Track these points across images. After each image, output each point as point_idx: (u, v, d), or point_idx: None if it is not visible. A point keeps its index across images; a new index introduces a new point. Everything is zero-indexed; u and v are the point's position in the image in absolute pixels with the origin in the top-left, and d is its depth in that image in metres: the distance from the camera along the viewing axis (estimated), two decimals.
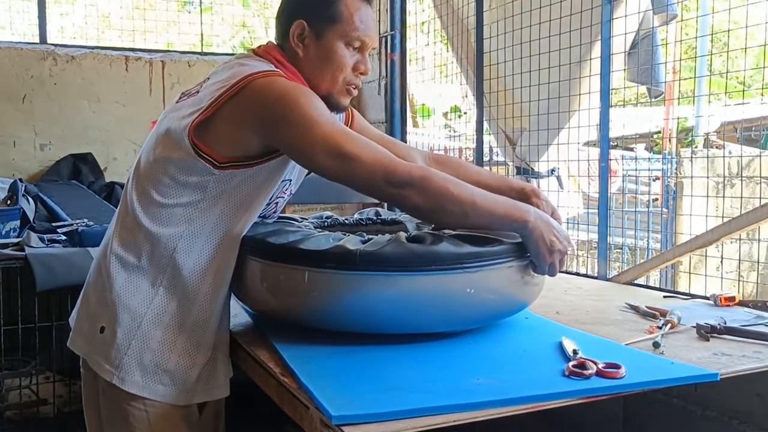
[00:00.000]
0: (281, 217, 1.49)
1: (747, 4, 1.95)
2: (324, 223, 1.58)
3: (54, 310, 2.66)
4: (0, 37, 5.27)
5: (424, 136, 5.58)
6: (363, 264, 1.15)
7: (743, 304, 1.64)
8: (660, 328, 1.36)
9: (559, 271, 1.26)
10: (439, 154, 1.71)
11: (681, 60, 4.06)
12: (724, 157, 3.11)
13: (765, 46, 1.86)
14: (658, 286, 2.35)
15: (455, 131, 5.65)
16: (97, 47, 3.79)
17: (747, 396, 1.46)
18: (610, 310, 1.61)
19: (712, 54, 2.38)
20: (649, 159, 5.38)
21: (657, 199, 4.56)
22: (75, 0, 4.43)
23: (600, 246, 2.18)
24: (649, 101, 2.82)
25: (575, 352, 1.11)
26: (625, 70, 2.57)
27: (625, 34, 2.24)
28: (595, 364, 1.04)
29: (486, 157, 3.07)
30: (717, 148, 4.68)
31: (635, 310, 1.57)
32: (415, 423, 0.88)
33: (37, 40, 3.76)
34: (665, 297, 1.79)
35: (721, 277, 2.05)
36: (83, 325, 1.33)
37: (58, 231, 2.74)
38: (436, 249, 1.16)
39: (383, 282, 1.15)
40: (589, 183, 2.89)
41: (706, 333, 1.33)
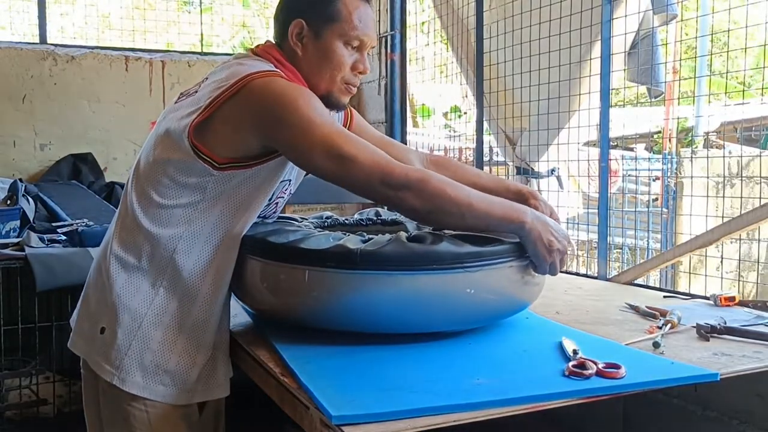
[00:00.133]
0: (281, 217, 1.48)
1: (747, 4, 1.95)
2: (324, 223, 1.58)
3: (54, 310, 2.66)
4: (0, 37, 5.27)
5: (424, 136, 5.58)
6: (363, 263, 1.15)
7: (743, 304, 1.64)
8: (660, 328, 1.36)
9: (560, 271, 1.27)
10: (437, 155, 1.71)
11: (681, 60, 4.06)
12: (724, 157, 3.11)
13: (765, 46, 1.86)
14: (658, 286, 2.35)
15: (455, 131, 5.65)
16: (97, 47, 3.78)
17: (747, 396, 1.46)
18: (610, 310, 1.61)
19: (712, 54, 2.37)
20: (649, 159, 5.38)
21: (657, 199, 4.55)
22: (75, 0, 4.42)
23: (600, 246, 2.18)
24: (649, 101, 2.82)
25: (575, 352, 1.11)
26: (625, 70, 2.57)
27: (625, 34, 2.24)
28: (595, 364, 1.04)
29: (486, 157, 3.07)
30: (717, 148, 4.68)
31: (635, 310, 1.57)
32: (415, 423, 0.88)
33: (37, 40, 3.76)
34: (665, 297, 1.79)
35: (721, 277, 2.05)
36: (83, 326, 1.33)
37: (58, 231, 2.74)
38: (437, 248, 1.17)
39: (383, 281, 1.15)
40: (589, 183, 2.89)
41: (706, 333, 1.33)
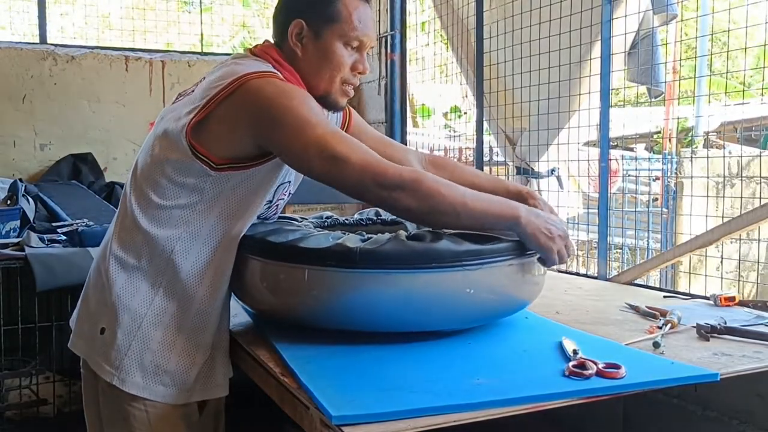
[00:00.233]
0: (281, 217, 1.49)
1: (747, 4, 1.95)
2: (324, 223, 1.58)
3: (54, 310, 2.66)
4: (0, 37, 5.27)
5: (424, 136, 5.58)
6: (363, 262, 1.15)
7: (743, 304, 1.64)
8: (660, 328, 1.36)
9: (561, 271, 1.26)
10: (435, 156, 1.70)
11: (681, 60, 4.06)
12: (724, 157, 3.10)
13: (765, 46, 1.86)
14: (658, 286, 2.35)
15: (455, 131, 5.65)
16: (97, 47, 3.79)
17: (747, 396, 1.46)
18: (610, 310, 1.61)
19: (712, 54, 2.37)
20: (649, 159, 5.38)
21: (657, 199, 4.55)
22: (75, 0, 4.42)
23: (600, 246, 2.18)
24: (649, 101, 2.82)
25: (575, 352, 1.11)
26: (625, 70, 2.56)
27: (625, 34, 2.24)
28: (595, 364, 1.04)
29: (486, 157, 3.07)
30: (717, 148, 4.68)
31: (635, 310, 1.57)
32: (416, 423, 0.88)
33: (37, 40, 3.76)
34: (665, 297, 1.79)
35: (721, 277, 2.05)
36: (83, 327, 1.33)
37: (58, 231, 2.74)
38: (436, 247, 1.17)
39: (383, 280, 1.15)
40: (589, 183, 2.89)
41: (706, 333, 1.33)
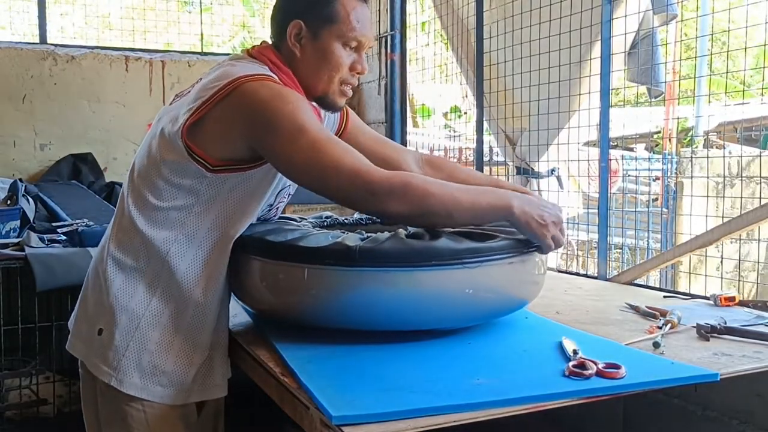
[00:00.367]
0: (280, 217, 1.49)
1: (747, 4, 1.95)
2: (323, 223, 1.58)
3: (54, 310, 2.66)
4: (0, 37, 5.27)
5: (424, 136, 5.58)
6: (362, 260, 1.15)
7: (743, 304, 1.64)
8: (660, 328, 1.36)
9: (558, 248, 1.25)
10: (432, 156, 1.69)
11: (681, 60, 4.06)
12: (724, 157, 3.10)
13: (765, 46, 1.86)
14: (658, 286, 2.35)
15: (455, 131, 5.65)
16: (97, 47, 3.78)
17: (747, 396, 1.46)
18: (610, 310, 1.61)
19: (712, 54, 2.37)
20: (649, 159, 5.38)
21: (657, 199, 4.55)
22: (75, 0, 4.42)
23: (600, 246, 2.18)
24: (649, 101, 2.82)
25: (575, 352, 1.11)
26: (625, 70, 2.56)
27: (625, 34, 2.24)
28: (595, 364, 1.04)
29: (486, 157, 3.07)
30: (717, 148, 4.68)
31: (635, 310, 1.57)
32: (416, 423, 0.87)
33: (37, 40, 3.76)
34: (665, 297, 1.79)
35: (721, 277, 2.05)
36: (81, 328, 1.33)
37: (58, 231, 2.74)
38: (435, 245, 1.17)
39: (382, 278, 1.15)
40: (589, 183, 2.89)
41: (706, 333, 1.33)
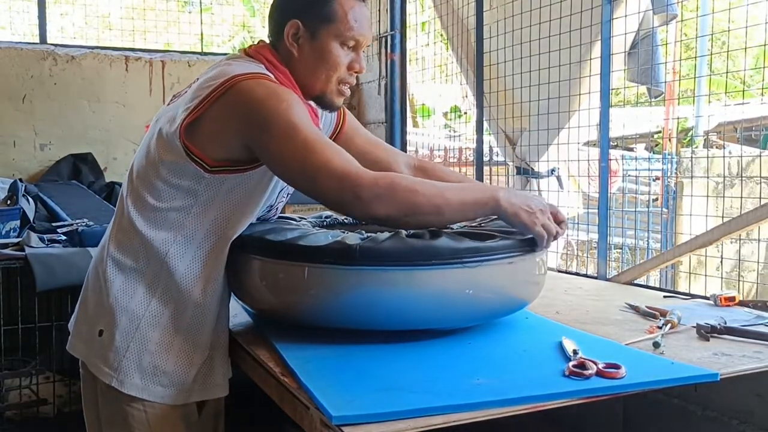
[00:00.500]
0: (280, 217, 1.49)
1: (747, 4, 1.95)
2: (323, 223, 1.58)
3: (54, 310, 2.66)
4: (0, 37, 5.27)
5: (424, 136, 5.58)
6: (362, 259, 1.15)
7: (743, 304, 1.64)
8: (660, 328, 1.36)
9: (553, 238, 1.24)
10: (423, 160, 1.69)
11: (681, 60, 4.06)
12: (724, 157, 3.11)
13: (765, 46, 1.86)
14: (658, 286, 2.35)
15: (455, 131, 5.65)
16: (97, 47, 3.78)
17: (747, 396, 1.46)
18: (610, 310, 1.61)
19: (712, 54, 2.37)
20: (649, 159, 5.38)
21: (657, 199, 4.55)
22: (75, 0, 4.42)
23: (600, 246, 2.18)
24: (649, 101, 2.82)
25: (575, 352, 1.11)
26: (625, 70, 2.56)
27: (625, 34, 2.24)
28: (595, 364, 1.04)
29: (486, 157, 3.07)
30: (717, 148, 4.68)
31: (635, 310, 1.57)
32: (415, 423, 0.87)
33: (37, 40, 3.76)
34: (665, 297, 1.79)
35: (721, 277, 2.05)
36: (82, 329, 1.33)
37: (58, 231, 2.74)
38: (435, 244, 1.17)
39: (383, 277, 1.15)
40: (589, 183, 2.89)
41: (706, 333, 1.33)
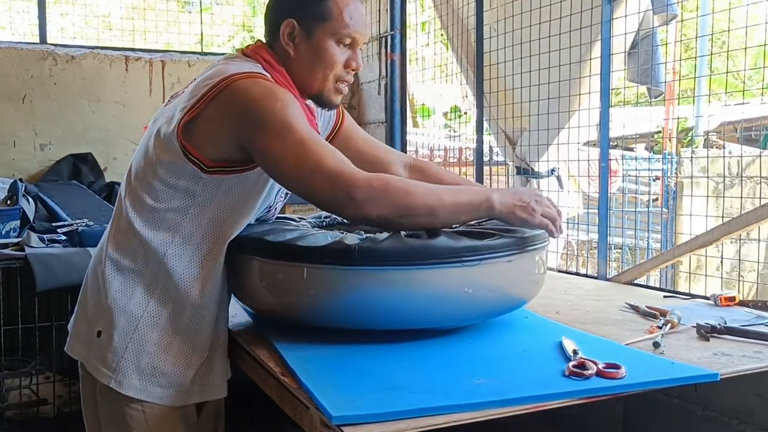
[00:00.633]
0: (279, 217, 1.49)
1: (747, 4, 1.94)
2: (322, 223, 1.58)
3: (54, 310, 2.66)
4: (0, 37, 5.27)
5: (424, 136, 5.58)
6: (361, 259, 1.15)
7: (743, 304, 1.64)
8: (660, 328, 1.36)
9: (554, 229, 1.24)
10: (420, 160, 1.68)
11: (681, 60, 4.06)
12: (724, 157, 3.10)
13: (765, 46, 1.86)
14: (658, 286, 2.35)
15: (455, 131, 5.65)
16: (97, 47, 3.78)
17: (747, 396, 1.46)
18: (610, 310, 1.61)
19: (712, 54, 2.37)
20: (649, 159, 5.38)
21: (657, 199, 4.55)
22: (75, 0, 4.42)
23: (600, 246, 2.18)
24: (649, 101, 2.82)
25: (575, 352, 1.11)
26: (625, 70, 2.56)
27: (625, 34, 2.24)
28: (595, 365, 1.04)
29: (486, 157, 3.07)
30: (717, 148, 4.67)
31: (635, 310, 1.57)
32: (415, 423, 0.88)
33: (37, 40, 3.76)
34: (665, 297, 1.79)
35: (721, 277, 2.05)
36: (81, 330, 1.33)
37: (58, 231, 2.74)
38: (434, 243, 1.17)
39: (382, 277, 1.16)
40: (589, 183, 2.89)
41: (706, 333, 1.33)
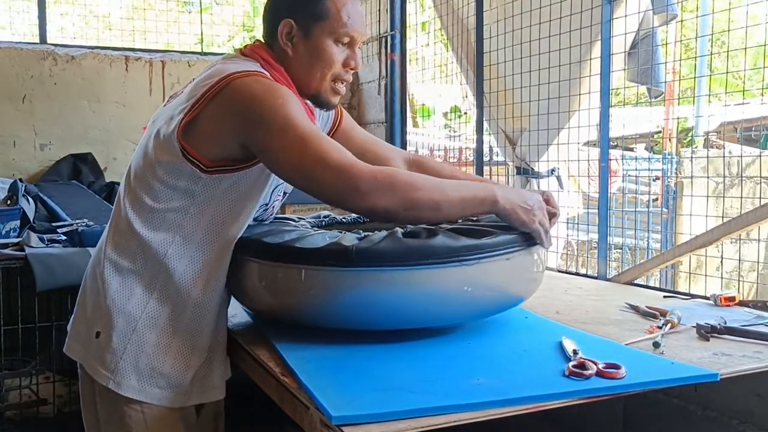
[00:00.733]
0: (278, 218, 1.49)
1: (747, 4, 1.94)
2: (322, 222, 1.58)
3: (54, 310, 2.66)
4: (0, 37, 5.27)
5: (424, 136, 5.58)
6: (359, 260, 1.15)
7: (743, 304, 1.64)
8: (660, 328, 1.36)
9: (545, 234, 1.25)
10: (419, 156, 1.69)
11: (681, 60, 4.06)
12: (724, 157, 3.10)
13: (765, 46, 1.86)
14: (658, 286, 2.35)
15: (455, 131, 5.66)
16: (97, 47, 3.78)
17: (747, 396, 1.46)
18: (610, 310, 1.61)
19: (712, 54, 2.37)
20: (649, 159, 5.38)
21: (657, 199, 4.55)
22: (75, 0, 4.42)
23: (600, 246, 2.18)
24: (649, 101, 2.82)
25: (575, 352, 1.11)
26: (625, 70, 2.56)
27: (625, 34, 2.24)
28: (595, 365, 1.04)
29: (486, 157, 3.07)
30: (717, 148, 4.67)
31: (635, 310, 1.57)
32: (416, 423, 0.87)
33: (37, 40, 3.76)
34: (665, 297, 1.79)
35: (721, 277, 2.05)
36: (80, 331, 1.33)
37: (58, 231, 2.74)
38: (432, 243, 1.17)
39: (380, 278, 1.15)
40: (589, 183, 2.89)
41: (706, 333, 1.33)
